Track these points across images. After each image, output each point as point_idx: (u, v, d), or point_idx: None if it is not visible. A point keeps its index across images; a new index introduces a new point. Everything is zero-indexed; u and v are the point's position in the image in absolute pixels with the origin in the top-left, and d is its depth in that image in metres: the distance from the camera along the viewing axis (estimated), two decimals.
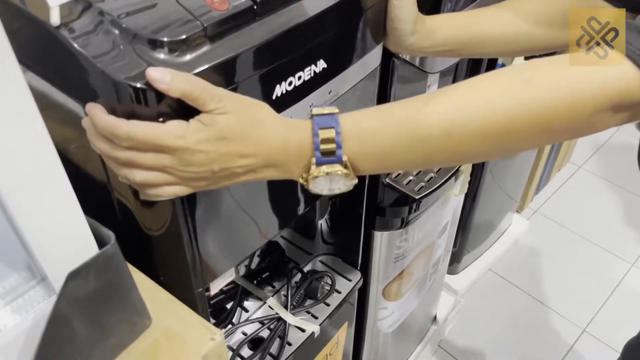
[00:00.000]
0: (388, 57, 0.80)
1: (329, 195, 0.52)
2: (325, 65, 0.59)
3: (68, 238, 0.41)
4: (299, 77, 0.56)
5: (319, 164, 0.49)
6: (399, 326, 1.34)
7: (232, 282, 0.91)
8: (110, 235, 0.41)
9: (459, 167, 1.09)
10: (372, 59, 0.69)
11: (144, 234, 0.57)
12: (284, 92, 0.55)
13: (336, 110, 0.50)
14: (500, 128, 0.50)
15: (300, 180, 0.51)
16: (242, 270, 0.91)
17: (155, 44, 0.46)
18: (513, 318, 1.72)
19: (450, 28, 0.70)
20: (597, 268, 1.86)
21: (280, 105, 0.56)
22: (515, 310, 1.74)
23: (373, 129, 0.51)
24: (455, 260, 1.75)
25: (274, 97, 0.55)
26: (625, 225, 2.00)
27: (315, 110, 0.50)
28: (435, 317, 1.62)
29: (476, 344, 1.65)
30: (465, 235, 1.69)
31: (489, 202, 1.65)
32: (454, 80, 1.08)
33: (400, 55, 0.82)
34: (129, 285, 0.44)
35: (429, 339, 1.58)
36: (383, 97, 0.83)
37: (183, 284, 0.60)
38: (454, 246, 1.65)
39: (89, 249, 0.41)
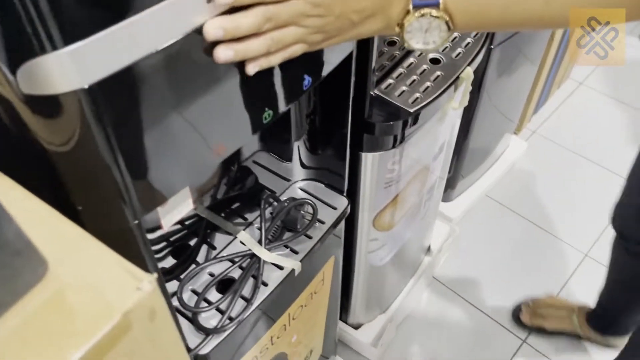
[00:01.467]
0: None
1: (423, 50, 0.61)
2: None
3: None
4: None
5: (415, 6, 0.51)
6: (390, 259, 1.22)
7: (195, 215, 0.76)
8: None
9: (460, 74, 0.93)
10: None
11: (45, 150, 0.41)
12: None
13: None
14: None
15: (396, 30, 0.52)
16: (207, 201, 0.77)
17: None
18: (511, 245, 1.61)
19: None
20: (599, 190, 1.75)
21: None
22: (513, 237, 1.63)
23: None
24: (450, 187, 1.63)
25: None
26: (629, 144, 1.88)
27: None
28: (429, 248, 1.51)
29: (473, 274, 1.55)
30: (460, 160, 1.56)
31: (485, 124, 1.51)
32: None
33: None
34: None
35: (423, 270, 1.48)
36: None
37: (112, 214, 0.46)
38: (448, 172, 1.52)
39: None
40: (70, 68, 0.35)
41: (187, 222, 0.76)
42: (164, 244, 0.74)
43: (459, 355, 1.39)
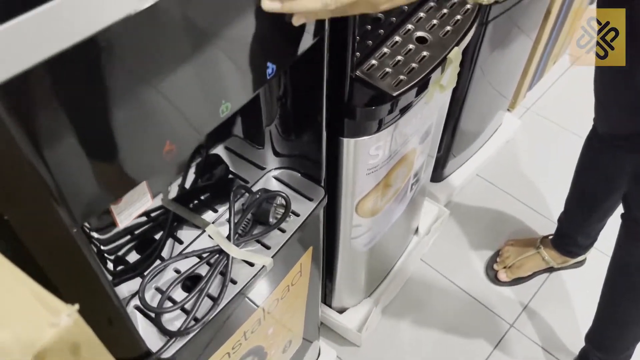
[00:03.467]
0: None
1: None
2: None
3: None
4: None
5: None
6: (376, 243, 1.18)
7: (161, 207, 0.72)
8: None
9: (447, 54, 0.88)
10: None
11: None
12: None
13: None
14: None
15: None
16: (174, 192, 0.72)
17: None
18: (503, 228, 1.57)
19: None
20: None
21: None
22: (505, 220, 1.59)
23: None
24: (440, 166, 1.58)
25: None
26: None
27: None
28: (417, 230, 1.48)
29: (462, 256, 1.51)
30: (451, 139, 1.50)
31: (478, 101, 1.45)
32: None
33: None
34: None
35: (410, 253, 1.44)
36: None
37: (43, 220, 0.41)
38: (439, 151, 1.47)
39: None
40: None
41: (152, 215, 0.71)
42: (127, 237, 0.70)
43: (446, 340, 1.36)
